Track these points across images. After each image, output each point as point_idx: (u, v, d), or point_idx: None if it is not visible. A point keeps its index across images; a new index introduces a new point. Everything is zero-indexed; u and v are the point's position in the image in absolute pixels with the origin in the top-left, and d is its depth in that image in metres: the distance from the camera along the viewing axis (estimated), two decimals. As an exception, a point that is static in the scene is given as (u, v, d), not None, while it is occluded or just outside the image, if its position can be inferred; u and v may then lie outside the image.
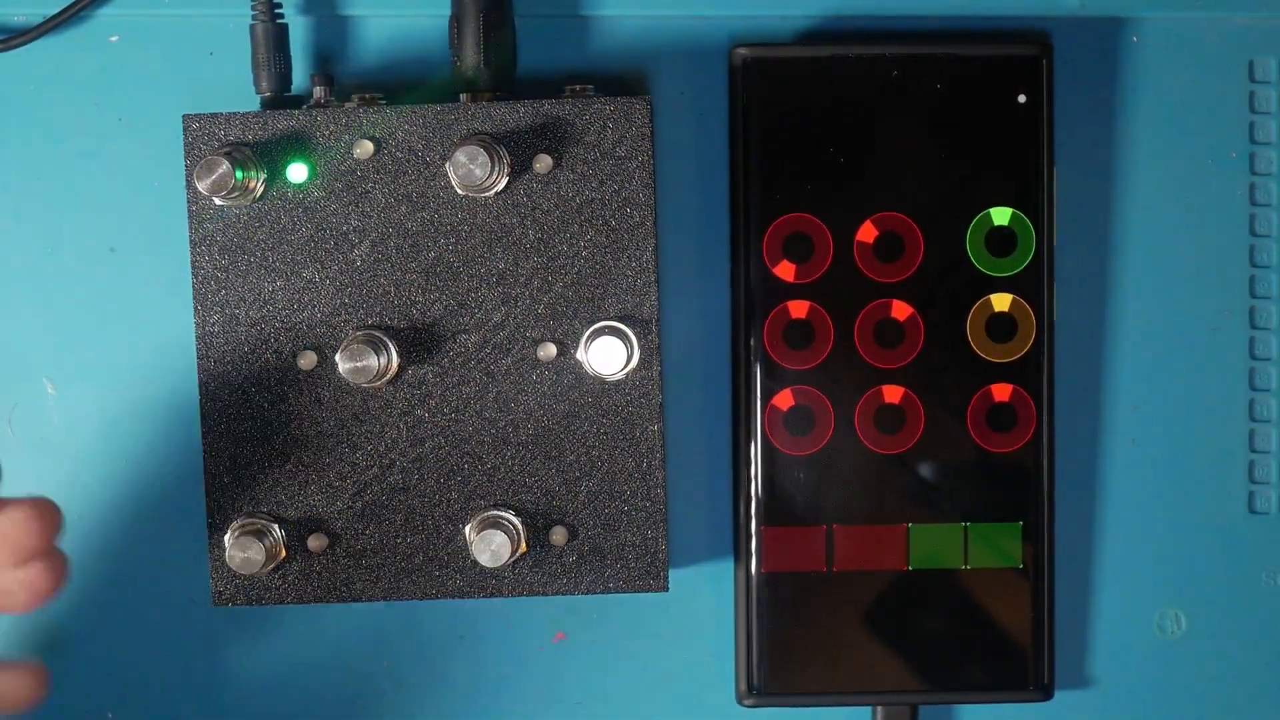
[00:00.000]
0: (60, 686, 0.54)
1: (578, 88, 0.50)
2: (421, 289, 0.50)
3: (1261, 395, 0.55)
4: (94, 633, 0.54)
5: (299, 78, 0.53)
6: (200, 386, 0.50)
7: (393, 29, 0.53)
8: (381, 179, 0.50)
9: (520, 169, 0.50)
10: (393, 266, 0.50)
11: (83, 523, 0.54)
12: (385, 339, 0.50)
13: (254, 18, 0.51)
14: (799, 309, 0.52)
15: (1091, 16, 0.54)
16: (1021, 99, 0.52)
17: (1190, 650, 0.55)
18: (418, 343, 0.50)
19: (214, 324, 0.50)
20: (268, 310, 0.50)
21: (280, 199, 0.49)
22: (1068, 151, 0.54)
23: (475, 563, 0.50)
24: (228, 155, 0.48)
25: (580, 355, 0.50)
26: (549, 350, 0.50)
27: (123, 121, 0.53)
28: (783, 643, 0.53)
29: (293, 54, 0.52)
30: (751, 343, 0.52)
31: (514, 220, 0.50)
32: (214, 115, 0.49)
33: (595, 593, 0.50)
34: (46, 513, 0.44)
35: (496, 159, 0.48)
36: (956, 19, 0.53)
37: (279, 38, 0.51)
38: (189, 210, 0.49)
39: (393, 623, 0.55)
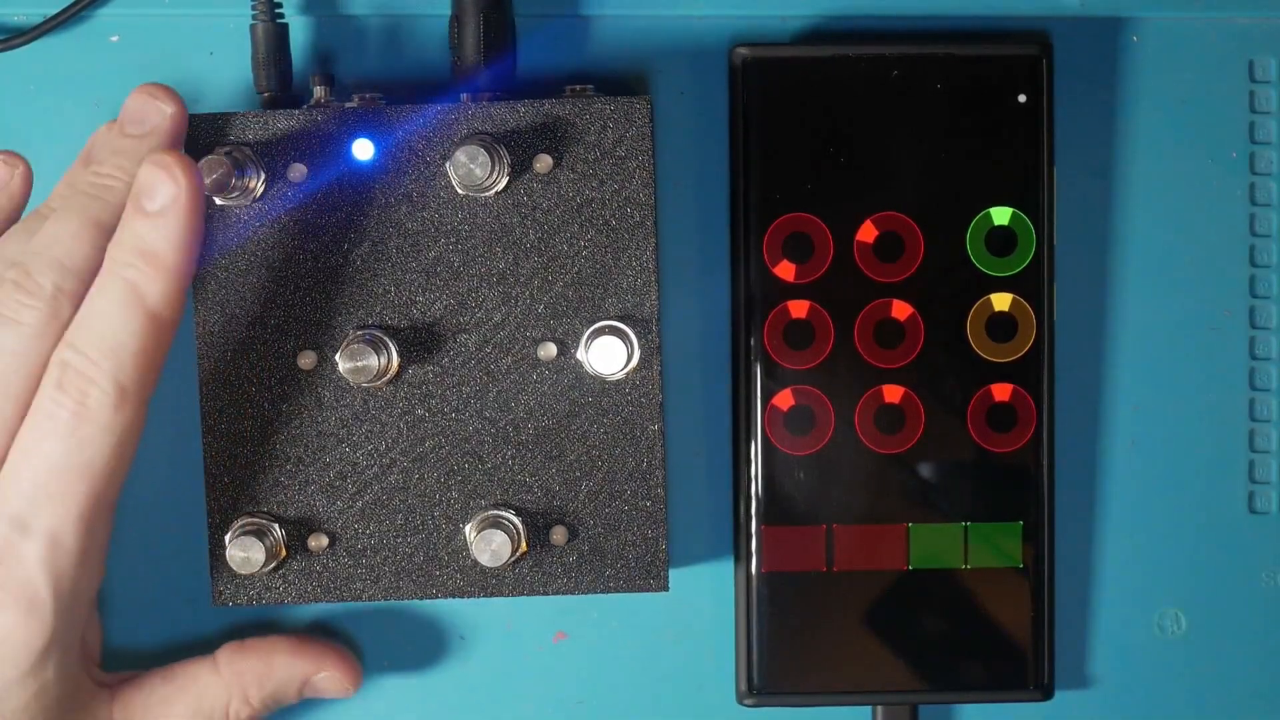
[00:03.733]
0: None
1: (578, 88, 0.50)
2: (421, 289, 0.50)
3: (1261, 395, 0.55)
4: (94, 633, 0.54)
5: (299, 78, 0.53)
6: (200, 386, 0.50)
7: (393, 29, 0.53)
8: (381, 179, 0.50)
9: (520, 169, 0.50)
10: (393, 266, 0.50)
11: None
12: (385, 339, 0.50)
13: (254, 18, 0.51)
14: (799, 309, 0.52)
15: (1091, 16, 0.54)
16: (1021, 99, 0.52)
17: (1190, 650, 0.55)
18: (418, 343, 0.50)
19: (214, 324, 0.50)
20: (268, 310, 0.50)
21: (280, 199, 0.49)
22: (1068, 151, 0.54)
23: (475, 563, 0.50)
24: (228, 155, 0.48)
25: (580, 355, 0.50)
26: (549, 350, 0.50)
27: (123, 121, 0.53)
28: (783, 643, 0.53)
29: (293, 54, 0.52)
30: (751, 343, 0.53)
31: (514, 220, 0.50)
32: (214, 115, 0.49)
33: (595, 593, 0.50)
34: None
35: (496, 159, 0.48)
36: (956, 19, 0.53)
37: (279, 38, 0.51)
38: (189, 210, 0.49)
39: (393, 623, 0.55)
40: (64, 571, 0.46)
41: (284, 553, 0.50)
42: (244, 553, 0.49)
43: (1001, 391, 0.53)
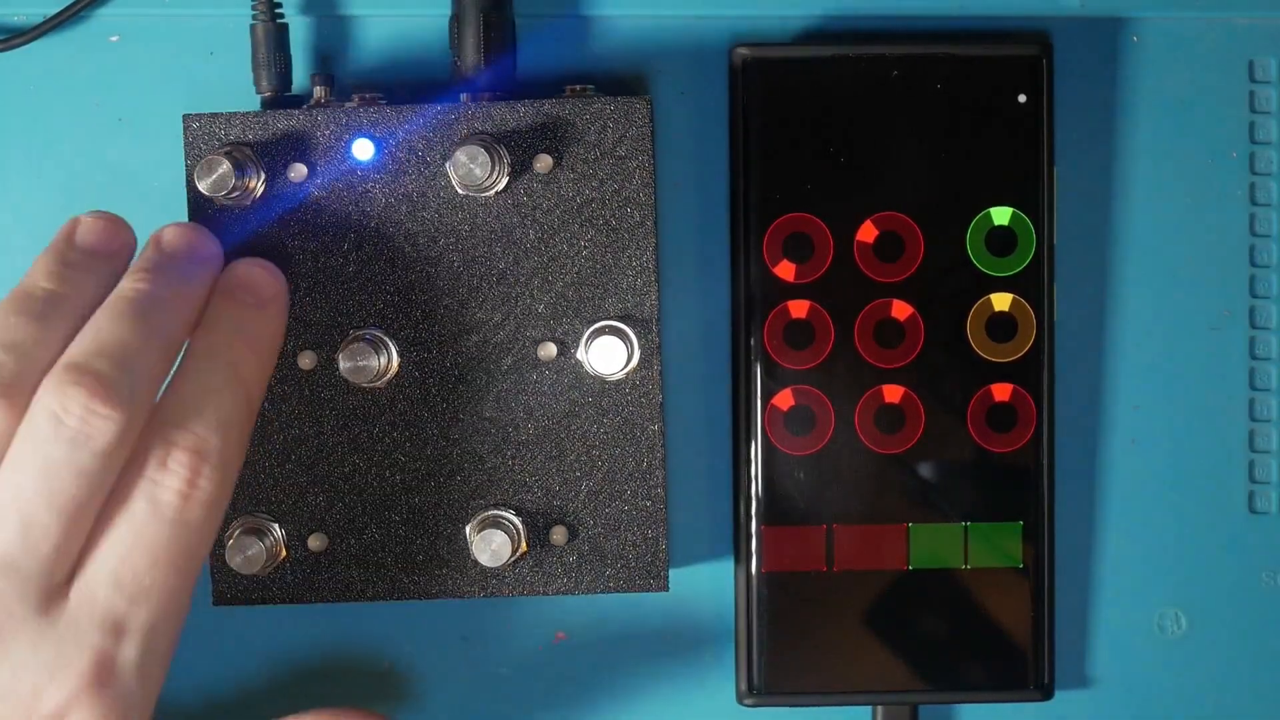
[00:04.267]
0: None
1: (578, 88, 0.50)
2: (421, 289, 0.50)
3: (1261, 395, 0.55)
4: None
5: (299, 78, 0.53)
6: (200, 386, 0.50)
7: (393, 29, 0.53)
8: (381, 179, 0.50)
9: (520, 169, 0.50)
10: (393, 266, 0.50)
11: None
12: (385, 339, 0.50)
13: (254, 18, 0.51)
14: (799, 309, 0.52)
15: (1091, 16, 0.54)
16: (1021, 99, 0.52)
17: (1190, 650, 0.55)
18: (418, 343, 0.50)
19: (214, 324, 0.50)
20: (268, 310, 0.50)
21: (280, 199, 0.49)
22: (1068, 151, 0.54)
23: (475, 563, 0.50)
24: (228, 155, 0.48)
25: (580, 355, 0.50)
26: (549, 350, 0.50)
27: (123, 121, 0.53)
28: (783, 643, 0.53)
29: (293, 54, 0.52)
30: (751, 343, 0.52)
31: (514, 220, 0.50)
32: (214, 115, 0.49)
33: (595, 593, 0.50)
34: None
35: (496, 159, 0.48)
36: (956, 19, 0.53)
37: (279, 38, 0.51)
38: (189, 210, 0.49)
39: (393, 623, 0.55)
40: (156, 672, 0.43)
41: (284, 553, 0.50)
42: (244, 553, 0.49)
43: (1001, 391, 0.53)
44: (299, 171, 0.49)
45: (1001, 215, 0.52)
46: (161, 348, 0.44)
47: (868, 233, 0.52)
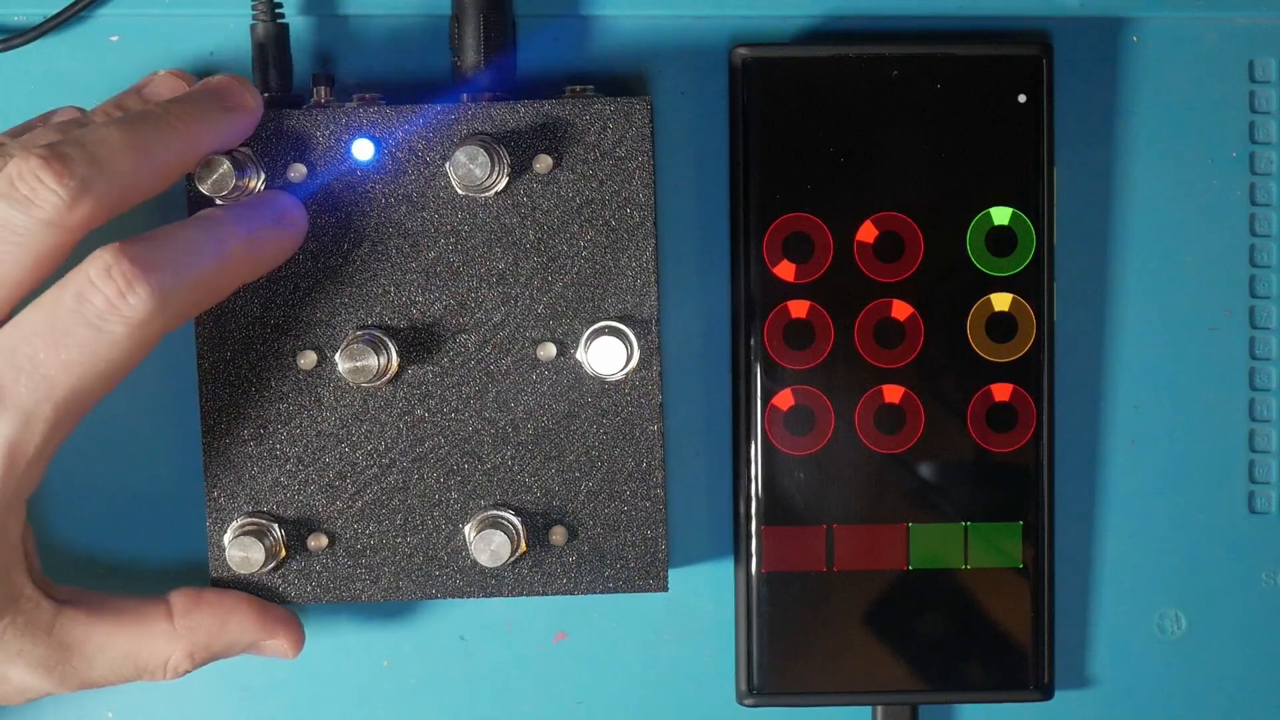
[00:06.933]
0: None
1: (578, 88, 0.50)
2: (421, 289, 0.50)
3: (1261, 395, 0.55)
4: (94, 633, 0.54)
5: (299, 78, 0.53)
6: (200, 386, 0.50)
7: (393, 29, 0.53)
8: (381, 179, 0.50)
9: (520, 169, 0.50)
10: (393, 266, 0.50)
11: (83, 523, 0.54)
12: (385, 339, 0.50)
13: (254, 18, 0.51)
14: (799, 309, 0.52)
15: (1091, 16, 0.54)
16: (1021, 99, 0.52)
17: (1190, 650, 0.55)
18: (418, 343, 0.50)
19: (214, 324, 0.50)
20: (268, 310, 0.50)
21: (280, 199, 0.50)
22: (1068, 151, 0.54)
23: (475, 563, 0.50)
24: (228, 155, 0.48)
25: (580, 355, 0.50)
26: (549, 350, 0.50)
27: (123, 121, 0.53)
28: (783, 643, 0.53)
29: (293, 54, 0.52)
30: (751, 343, 0.53)
31: (514, 220, 0.50)
32: (214, 115, 0.49)
33: (595, 593, 0.51)
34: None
35: (496, 159, 0.49)
36: (956, 19, 0.53)
37: (279, 38, 0.51)
38: (188, 211, 0.49)
39: (393, 623, 0.55)
40: (20, 457, 0.44)
41: (284, 553, 0.50)
42: (244, 553, 0.49)
43: (1001, 391, 0.53)
44: (299, 171, 0.49)
45: (1001, 215, 0.52)
46: (142, 158, 0.45)
47: (868, 233, 0.52)
